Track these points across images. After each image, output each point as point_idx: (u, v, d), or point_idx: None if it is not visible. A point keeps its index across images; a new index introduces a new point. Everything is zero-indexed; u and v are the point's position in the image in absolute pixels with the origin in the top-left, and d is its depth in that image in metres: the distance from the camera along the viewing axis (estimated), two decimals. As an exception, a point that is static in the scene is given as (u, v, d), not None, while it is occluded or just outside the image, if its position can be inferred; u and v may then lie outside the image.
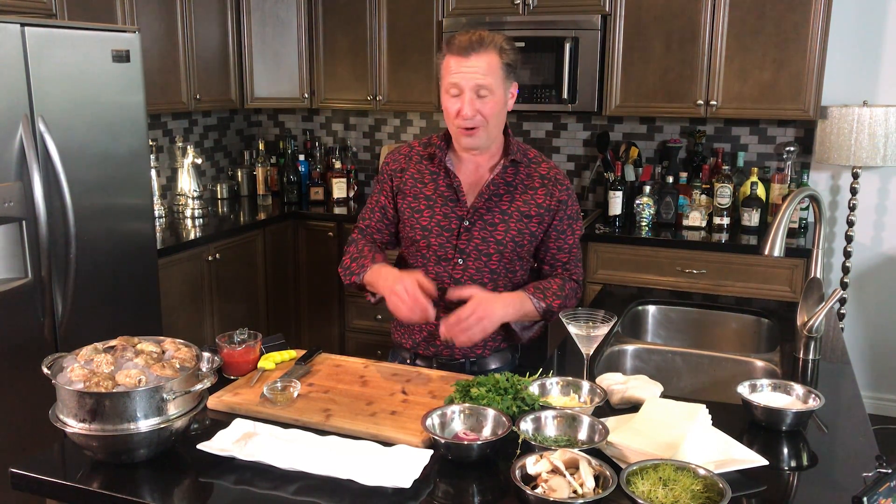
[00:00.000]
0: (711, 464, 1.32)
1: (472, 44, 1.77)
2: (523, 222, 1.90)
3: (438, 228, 1.90)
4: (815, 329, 1.88)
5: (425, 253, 1.93)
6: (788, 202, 1.83)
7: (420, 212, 1.92)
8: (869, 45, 3.62)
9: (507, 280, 1.94)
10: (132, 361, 1.43)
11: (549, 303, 1.89)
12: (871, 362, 3.88)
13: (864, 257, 3.80)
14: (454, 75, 1.79)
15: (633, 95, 3.62)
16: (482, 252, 1.89)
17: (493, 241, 1.89)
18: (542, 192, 1.92)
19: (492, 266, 1.91)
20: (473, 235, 1.89)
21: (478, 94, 1.79)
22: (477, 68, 1.77)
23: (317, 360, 1.87)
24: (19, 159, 2.47)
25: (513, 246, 1.90)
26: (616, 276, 3.50)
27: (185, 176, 3.88)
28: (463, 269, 1.90)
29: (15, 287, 2.52)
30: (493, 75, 1.79)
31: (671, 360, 2.04)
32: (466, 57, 1.77)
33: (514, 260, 1.93)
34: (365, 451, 1.38)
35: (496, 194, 1.90)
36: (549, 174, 1.95)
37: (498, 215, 1.89)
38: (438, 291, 1.83)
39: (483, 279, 1.91)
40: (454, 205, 1.90)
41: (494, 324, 1.80)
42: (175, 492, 1.33)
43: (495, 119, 1.84)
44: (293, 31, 4.12)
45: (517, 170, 1.93)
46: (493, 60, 1.78)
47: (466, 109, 1.79)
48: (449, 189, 1.91)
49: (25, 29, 2.47)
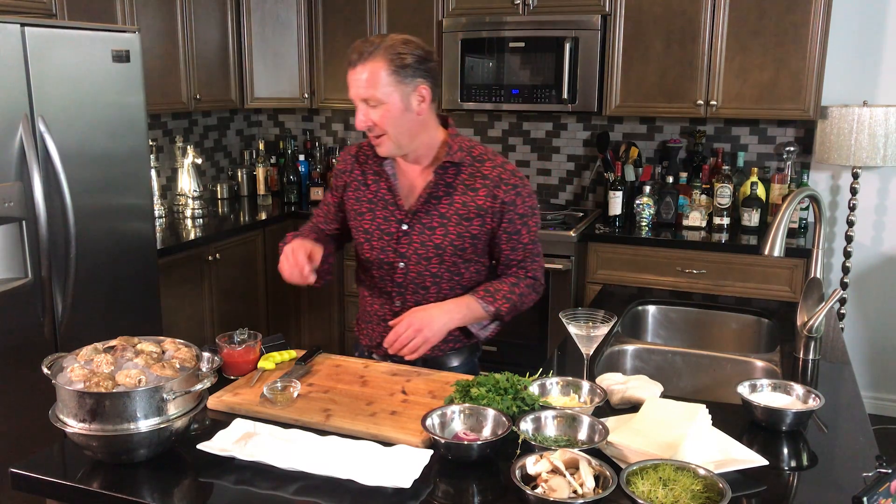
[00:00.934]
0: (711, 464, 1.32)
1: (360, 55, 1.74)
2: (463, 225, 1.85)
3: (379, 232, 1.90)
4: (815, 329, 1.88)
5: (369, 256, 1.93)
6: (788, 202, 1.83)
7: (362, 215, 1.93)
8: (869, 45, 3.62)
9: (454, 283, 1.91)
10: (132, 361, 1.43)
11: (498, 306, 1.87)
12: (871, 362, 3.88)
13: (864, 257, 3.80)
14: (349, 88, 1.78)
15: (633, 95, 3.62)
16: (422, 256, 1.87)
17: (432, 244, 1.86)
18: (484, 192, 1.85)
19: (432, 269, 1.89)
20: (413, 239, 1.87)
21: (369, 105, 1.76)
22: (362, 80, 1.74)
23: (317, 360, 1.87)
24: (19, 159, 2.47)
25: (452, 249, 1.87)
26: (616, 276, 3.50)
27: (185, 176, 3.88)
28: (404, 272, 1.90)
29: (15, 287, 2.51)
30: (378, 85, 1.73)
31: (671, 360, 2.04)
32: (354, 68, 1.76)
33: (457, 263, 1.89)
34: (365, 451, 1.38)
35: (434, 196, 1.86)
36: (492, 174, 1.85)
37: (437, 218, 1.86)
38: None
39: (425, 282, 1.90)
40: (394, 208, 1.89)
41: (437, 332, 1.81)
42: (175, 492, 1.33)
43: (395, 127, 1.78)
44: (293, 31, 4.12)
45: (458, 171, 1.86)
46: (377, 69, 1.73)
47: (360, 121, 1.79)
48: (389, 192, 1.90)
49: (25, 29, 2.47)
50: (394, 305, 1.94)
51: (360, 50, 1.75)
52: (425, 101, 1.80)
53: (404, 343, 1.79)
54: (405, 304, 1.92)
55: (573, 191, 4.17)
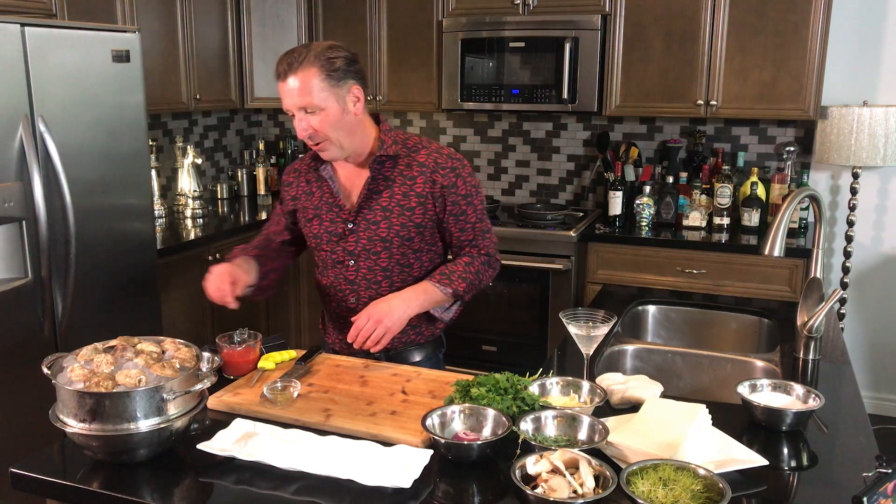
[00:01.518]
0: (711, 464, 1.32)
1: (289, 65, 1.77)
2: (406, 215, 1.89)
3: (327, 235, 1.95)
4: (815, 329, 1.88)
5: (323, 257, 1.99)
6: (788, 202, 1.83)
7: (311, 221, 1.97)
8: (869, 45, 3.62)
9: (405, 275, 1.94)
10: (132, 361, 1.43)
11: (455, 287, 1.89)
12: (871, 362, 3.88)
13: (864, 257, 3.80)
14: (283, 100, 1.80)
15: (633, 95, 3.62)
16: (370, 251, 1.91)
17: (378, 238, 1.90)
18: (421, 179, 1.88)
19: (382, 264, 1.92)
20: (360, 236, 1.91)
21: (307, 112, 1.78)
22: (294, 89, 1.76)
23: (317, 360, 1.87)
24: (19, 159, 2.47)
25: (399, 241, 1.90)
26: (616, 276, 3.50)
27: (185, 176, 3.88)
28: (355, 269, 1.94)
29: (15, 287, 2.51)
30: (312, 92, 1.76)
31: (671, 360, 2.04)
32: (286, 79, 1.78)
33: (405, 254, 1.92)
34: (365, 451, 1.38)
35: (375, 191, 1.89)
36: (428, 160, 1.89)
37: (379, 212, 1.89)
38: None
39: (377, 277, 1.94)
40: (338, 210, 1.93)
41: (397, 321, 1.80)
42: (175, 492, 1.33)
43: (336, 131, 1.81)
44: (293, 31, 4.12)
45: (395, 163, 1.89)
46: (308, 76, 1.75)
47: (300, 130, 1.80)
48: (330, 195, 1.94)
49: (25, 29, 2.47)
50: (349, 303, 1.98)
51: (288, 61, 1.77)
52: (360, 102, 1.83)
53: (367, 335, 1.79)
54: (359, 300, 1.96)
55: (573, 191, 4.17)
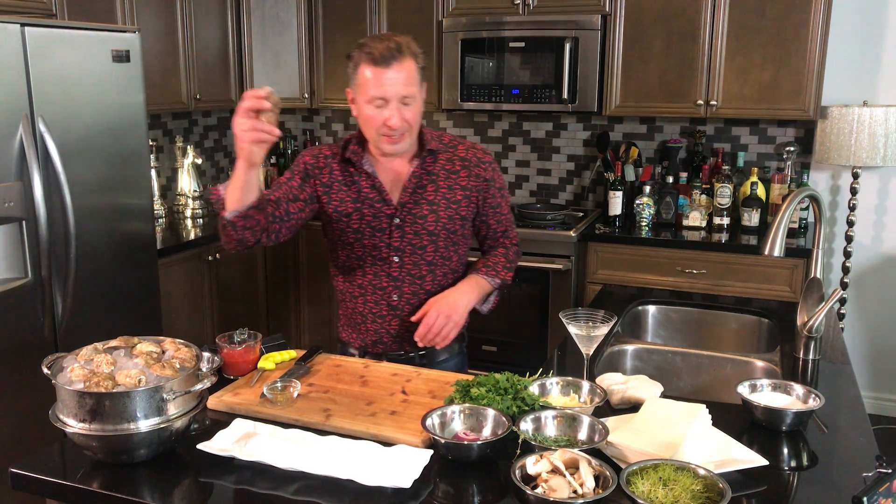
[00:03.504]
0: (711, 464, 1.32)
1: (392, 52, 1.74)
2: (452, 208, 1.92)
3: (370, 230, 1.91)
4: (815, 329, 1.88)
5: (360, 254, 1.94)
6: (788, 202, 1.83)
7: (349, 215, 1.91)
8: (869, 45, 3.62)
9: (446, 269, 1.97)
10: (132, 361, 1.43)
11: (503, 277, 1.99)
12: (871, 362, 3.88)
13: (864, 257, 3.80)
14: (378, 88, 1.76)
15: (633, 95, 3.62)
16: (416, 246, 1.92)
17: (426, 232, 1.91)
18: (465, 173, 1.94)
19: (427, 258, 1.93)
20: (405, 231, 1.91)
21: (402, 103, 1.78)
22: (400, 78, 1.76)
23: (317, 360, 1.87)
24: (19, 159, 2.47)
25: (446, 233, 1.93)
26: (616, 276, 3.50)
27: (185, 176, 3.88)
28: (399, 265, 1.93)
29: (15, 287, 2.52)
30: (413, 83, 1.79)
31: (671, 360, 2.04)
32: (387, 67, 1.75)
33: (448, 247, 1.95)
34: (365, 451, 1.38)
35: (420, 186, 1.91)
36: (468, 155, 1.96)
37: (426, 207, 1.91)
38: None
39: (421, 271, 1.94)
40: (381, 205, 1.90)
41: (462, 315, 1.89)
42: (175, 492, 1.33)
43: (418, 122, 1.86)
44: (293, 31, 4.12)
45: (436, 158, 1.93)
46: (411, 68, 1.78)
47: (395, 120, 1.78)
48: (373, 190, 1.91)
49: (25, 29, 2.47)
50: (391, 300, 1.95)
51: (388, 47, 1.74)
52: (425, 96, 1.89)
53: (436, 332, 1.84)
54: (402, 296, 1.95)
55: (573, 191, 4.17)
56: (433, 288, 1.96)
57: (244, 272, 3.76)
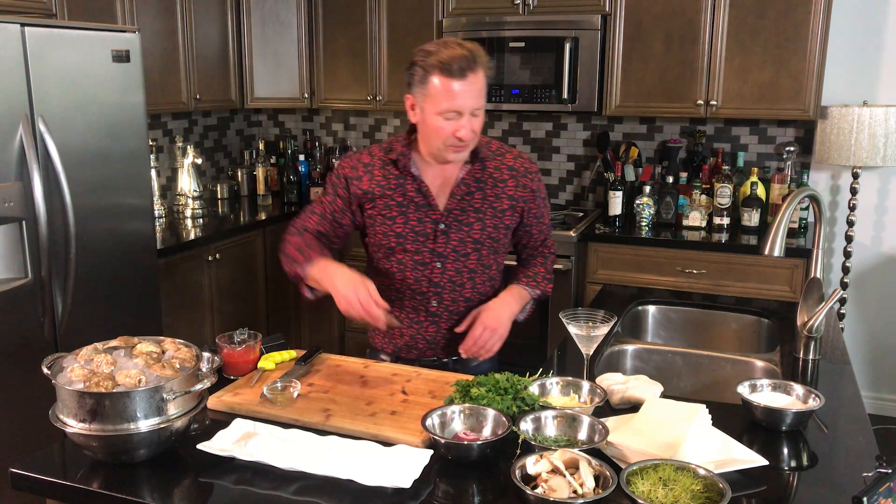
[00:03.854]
0: (711, 464, 1.32)
1: (468, 63, 1.71)
2: (497, 217, 1.91)
3: (413, 234, 1.88)
4: (815, 329, 1.88)
5: (401, 258, 1.90)
6: (788, 202, 1.83)
7: (392, 219, 1.88)
8: (869, 45, 3.62)
9: (485, 276, 1.96)
10: (132, 361, 1.43)
11: (544, 288, 2.01)
12: (871, 362, 3.88)
13: (864, 257, 3.80)
14: (451, 100, 1.72)
15: (633, 95, 3.62)
16: (460, 253, 1.90)
17: (471, 240, 1.89)
18: (513, 183, 1.92)
19: (469, 265, 1.92)
20: (450, 238, 1.88)
21: (472, 115, 1.76)
22: (474, 90, 1.74)
23: (317, 360, 1.87)
24: (19, 159, 2.47)
25: (490, 242, 1.92)
26: (616, 276, 3.50)
27: (185, 176, 3.88)
28: (441, 271, 1.90)
29: (15, 287, 2.51)
30: (483, 94, 1.78)
31: (671, 360, 2.04)
32: (464, 78, 1.72)
33: (490, 255, 1.94)
34: (365, 451, 1.38)
35: (468, 193, 1.89)
36: (517, 164, 1.94)
37: (472, 214, 1.89)
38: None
39: (462, 279, 1.92)
40: (427, 209, 1.87)
41: (507, 327, 1.88)
42: (175, 492, 1.33)
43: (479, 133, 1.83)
44: (293, 31, 4.12)
45: (484, 165, 1.90)
46: (483, 78, 1.76)
47: (466, 132, 1.75)
48: (419, 194, 1.87)
49: (25, 29, 2.47)
50: (430, 306, 1.93)
51: (462, 57, 1.71)
52: None
53: (482, 345, 1.84)
54: (441, 303, 1.93)
55: (573, 191, 4.17)
56: (472, 295, 1.94)
57: (244, 272, 3.76)
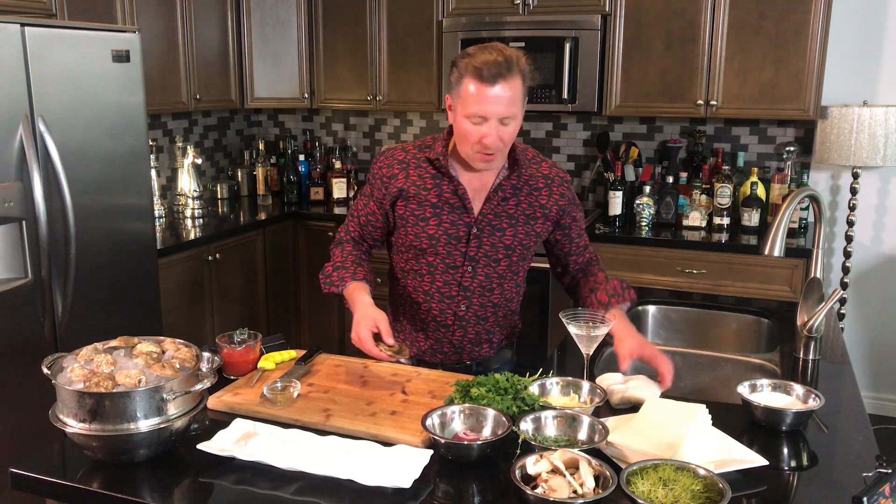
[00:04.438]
0: (711, 464, 1.32)
1: (501, 69, 1.65)
2: (529, 224, 1.89)
3: (446, 237, 1.85)
4: (815, 329, 1.88)
5: (432, 261, 1.87)
6: (788, 202, 1.83)
7: (426, 220, 1.85)
8: (869, 45, 3.62)
9: (513, 282, 1.95)
10: (132, 361, 1.43)
11: (630, 297, 1.94)
12: (871, 362, 3.88)
13: (864, 257, 3.80)
14: (478, 105, 1.67)
15: (633, 95, 3.62)
16: (491, 258, 1.88)
17: (503, 245, 1.87)
18: (546, 192, 1.90)
19: (500, 271, 1.90)
20: (483, 242, 1.86)
21: (502, 123, 1.70)
22: (503, 98, 1.67)
23: (317, 360, 1.87)
24: (19, 159, 2.47)
25: (521, 249, 1.90)
26: (616, 276, 3.46)
27: (185, 176, 3.88)
28: (472, 276, 1.88)
29: (15, 287, 2.51)
30: (516, 102, 1.70)
31: (671, 360, 2.04)
32: (493, 85, 1.66)
33: (519, 262, 1.92)
34: (365, 451, 1.38)
35: (503, 199, 1.86)
36: (551, 173, 1.92)
37: (505, 220, 1.86)
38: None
39: (491, 284, 1.90)
40: (461, 212, 1.84)
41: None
42: (175, 492, 1.33)
43: (513, 141, 1.79)
44: (293, 31, 4.12)
45: (520, 172, 1.86)
46: (517, 86, 1.69)
47: (491, 140, 1.70)
48: (454, 196, 1.84)
49: (25, 29, 2.47)
50: (458, 310, 1.91)
51: (495, 62, 1.66)
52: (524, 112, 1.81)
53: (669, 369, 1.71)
54: (470, 307, 1.91)
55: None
56: (499, 301, 1.93)
57: (244, 272, 3.76)
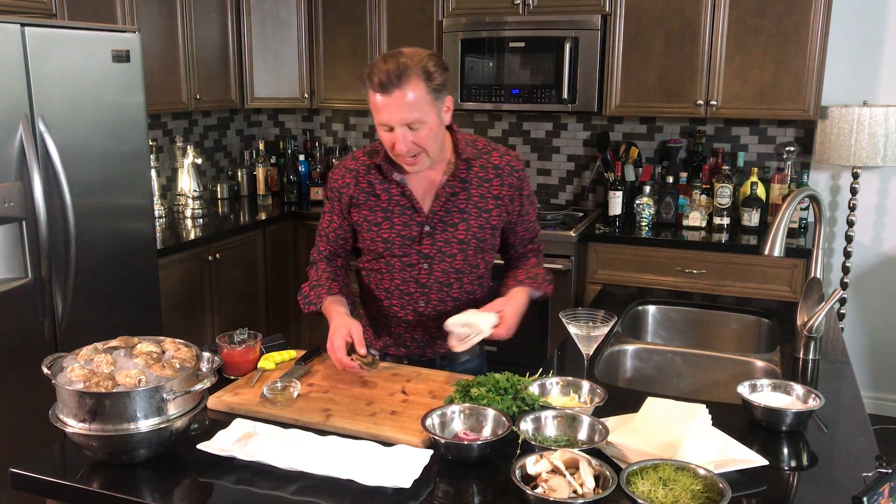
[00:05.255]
0: (711, 464, 1.32)
1: (392, 78, 1.66)
2: (483, 217, 1.89)
3: (400, 238, 1.88)
4: (815, 329, 1.88)
5: (390, 261, 1.91)
6: (788, 202, 1.83)
7: (378, 224, 1.89)
8: (869, 45, 3.62)
9: (473, 276, 1.95)
10: (132, 361, 1.43)
11: (545, 289, 1.97)
12: (871, 362, 3.88)
13: (864, 257, 3.80)
14: (379, 114, 1.71)
15: (633, 95, 3.62)
16: (446, 254, 1.89)
17: (456, 241, 1.89)
18: (497, 182, 1.89)
19: (456, 266, 1.91)
20: (436, 239, 1.88)
21: (410, 128, 1.71)
22: (400, 105, 1.67)
23: (317, 360, 1.87)
24: (19, 159, 2.47)
25: (476, 242, 1.91)
26: (616, 276, 3.50)
27: (185, 176, 3.88)
28: (428, 272, 1.90)
29: (15, 287, 2.51)
30: (420, 107, 1.69)
31: (671, 360, 2.04)
32: (388, 93, 1.67)
33: (476, 255, 1.93)
34: (365, 451, 1.38)
35: (452, 194, 1.87)
36: (502, 162, 1.91)
37: (457, 215, 1.88)
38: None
39: (449, 279, 1.92)
40: (412, 213, 1.87)
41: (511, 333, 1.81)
42: (175, 492, 1.33)
43: (433, 143, 1.77)
44: (293, 31, 4.12)
45: (469, 165, 1.88)
46: (418, 91, 1.68)
47: (401, 146, 1.72)
48: (403, 197, 1.87)
49: (25, 29, 2.47)
50: (417, 306, 1.93)
51: (390, 72, 1.66)
52: (450, 111, 1.81)
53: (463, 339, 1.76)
54: (429, 303, 1.93)
55: (573, 191, 4.17)
56: (460, 295, 1.94)
57: (244, 272, 3.76)
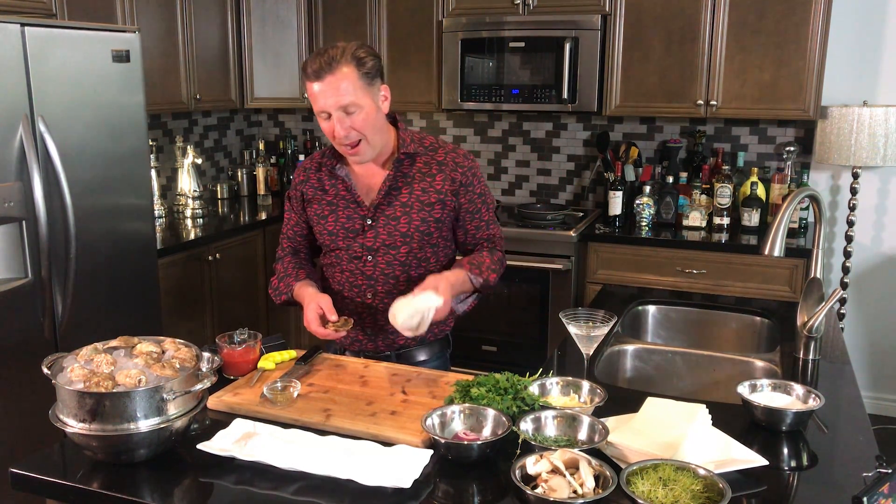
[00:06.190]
0: (711, 464, 1.32)
1: (324, 65, 1.75)
2: (425, 211, 1.92)
3: (344, 231, 1.95)
4: (815, 329, 1.88)
5: (338, 254, 1.98)
6: (788, 202, 1.83)
7: (325, 217, 1.97)
8: (869, 45, 3.62)
9: (422, 268, 1.97)
10: (132, 361, 1.43)
11: (486, 276, 1.94)
12: (871, 362, 3.88)
13: (864, 257, 3.80)
14: (315, 102, 1.79)
15: (633, 95, 3.62)
16: (389, 247, 1.93)
17: (398, 234, 1.92)
18: (441, 177, 1.93)
19: (400, 258, 1.94)
20: (378, 232, 1.92)
21: (346, 112, 1.78)
22: (332, 90, 1.76)
23: (317, 360, 1.87)
24: (19, 159, 2.47)
25: (419, 236, 1.93)
26: (616, 276, 3.50)
27: (185, 176, 3.88)
28: (373, 265, 1.95)
29: (15, 287, 2.51)
30: (353, 91, 1.77)
31: (671, 360, 2.04)
32: (322, 79, 1.76)
33: (423, 248, 1.95)
34: (365, 451, 1.38)
35: (394, 188, 1.92)
36: (447, 159, 1.94)
37: (399, 208, 1.92)
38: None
39: (395, 271, 1.95)
40: (355, 206, 1.94)
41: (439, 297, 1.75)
42: (175, 492, 1.33)
43: (372, 129, 1.83)
44: (293, 31, 4.12)
45: (413, 160, 1.93)
46: (349, 76, 1.76)
47: (339, 130, 1.79)
48: (347, 191, 1.94)
49: (25, 29, 2.47)
50: (366, 298, 1.98)
51: (322, 60, 1.76)
52: (387, 100, 1.88)
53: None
54: (376, 295, 1.97)
55: (573, 191, 4.17)
56: (408, 288, 1.91)
57: (244, 272, 3.76)
